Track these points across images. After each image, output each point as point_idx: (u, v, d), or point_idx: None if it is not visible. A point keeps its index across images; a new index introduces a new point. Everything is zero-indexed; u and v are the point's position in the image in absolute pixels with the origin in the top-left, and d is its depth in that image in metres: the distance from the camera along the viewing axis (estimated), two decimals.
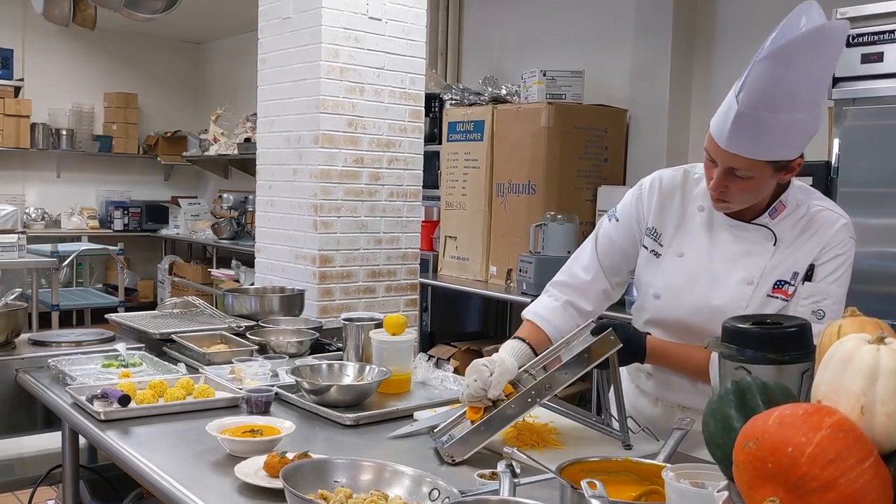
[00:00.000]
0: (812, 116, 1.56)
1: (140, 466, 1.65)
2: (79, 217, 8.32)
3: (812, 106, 1.55)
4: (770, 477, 0.90)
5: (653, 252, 1.87)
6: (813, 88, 1.54)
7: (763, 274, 1.73)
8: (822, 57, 1.52)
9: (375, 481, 1.47)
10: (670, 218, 1.85)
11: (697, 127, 4.70)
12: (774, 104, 1.53)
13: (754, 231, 1.75)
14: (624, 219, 1.93)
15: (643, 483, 1.39)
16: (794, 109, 1.53)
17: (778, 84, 1.52)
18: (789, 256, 1.72)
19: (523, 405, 1.65)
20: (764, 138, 1.56)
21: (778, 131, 1.56)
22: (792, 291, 1.71)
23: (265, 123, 3.91)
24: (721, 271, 1.76)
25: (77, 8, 2.79)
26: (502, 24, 5.76)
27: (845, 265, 1.71)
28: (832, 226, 1.71)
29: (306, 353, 2.54)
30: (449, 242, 5.05)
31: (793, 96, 1.52)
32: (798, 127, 1.56)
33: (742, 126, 1.57)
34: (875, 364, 0.94)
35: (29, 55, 8.19)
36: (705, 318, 1.76)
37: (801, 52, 1.49)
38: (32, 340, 2.61)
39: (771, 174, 1.64)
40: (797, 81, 1.51)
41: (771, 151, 1.59)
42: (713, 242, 1.79)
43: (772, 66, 1.52)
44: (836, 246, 1.70)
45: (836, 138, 2.92)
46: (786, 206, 1.74)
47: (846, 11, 2.84)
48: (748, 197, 1.69)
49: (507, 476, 1.33)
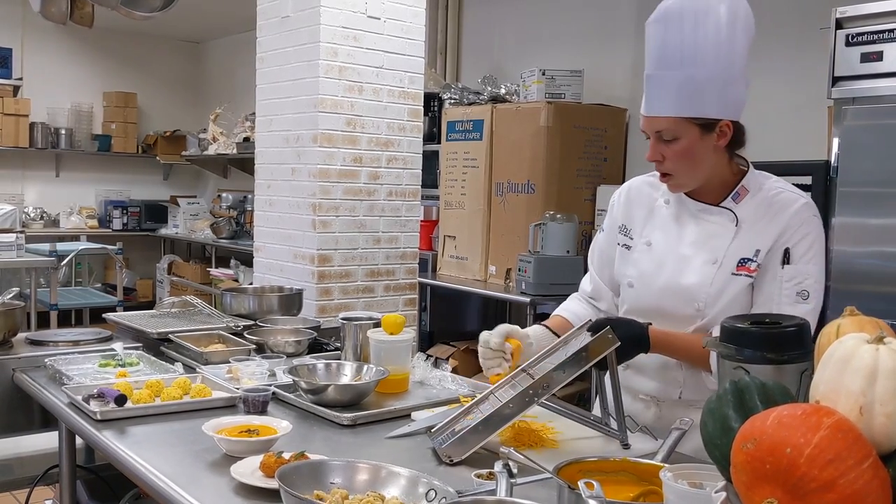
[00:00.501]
0: (719, 75, 1.67)
1: (136, 466, 1.64)
2: (78, 216, 8.31)
3: (713, 63, 1.66)
4: (768, 478, 0.89)
5: (624, 246, 1.96)
6: (707, 46, 1.65)
7: (726, 254, 1.79)
8: (709, 16, 1.65)
9: (372, 482, 1.46)
10: (639, 214, 1.95)
11: None
12: (670, 62, 1.68)
13: (718, 214, 1.82)
14: (607, 228, 2.04)
15: (641, 483, 1.39)
16: (690, 66, 1.66)
17: (668, 43, 1.68)
18: (751, 236, 1.78)
19: (521, 404, 1.64)
20: (669, 95, 1.69)
21: (682, 87, 1.67)
22: (754, 267, 1.76)
23: (264, 122, 3.91)
24: (688, 254, 1.83)
25: (75, 6, 2.78)
26: (501, 23, 5.75)
27: (817, 242, 1.77)
28: (792, 205, 1.77)
29: (304, 352, 2.54)
30: (448, 242, 5.04)
31: (686, 53, 1.66)
32: (703, 84, 1.67)
33: (651, 87, 1.72)
34: (874, 364, 0.93)
35: (28, 54, 8.18)
36: (676, 300, 1.83)
37: (682, 13, 1.66)
38: (30, 340, 2.60)
39: (698, 135, 1.71)
40: (684, 40, 1.66)
41: (682, 107, 1.69)
42: (680, 230, 1.87)
43: (658, 28, 1.70)
44: (802, 225, 1.75)
45: (835, 138, 2.91)
46: (749, 191, 1.81)
47: (846, 11, 2.83)
48: (687, 165, 1.76)
49: (504, 476, 1.32)
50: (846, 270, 2.87)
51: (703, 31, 1.65)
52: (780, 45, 4.25)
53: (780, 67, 4.26)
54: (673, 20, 1.67)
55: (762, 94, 4.34)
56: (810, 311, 1.73)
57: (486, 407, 1.70)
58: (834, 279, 2.90)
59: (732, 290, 1.78)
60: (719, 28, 1.66)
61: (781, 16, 4.24)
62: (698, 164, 1.76)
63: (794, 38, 4.16)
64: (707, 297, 1.80)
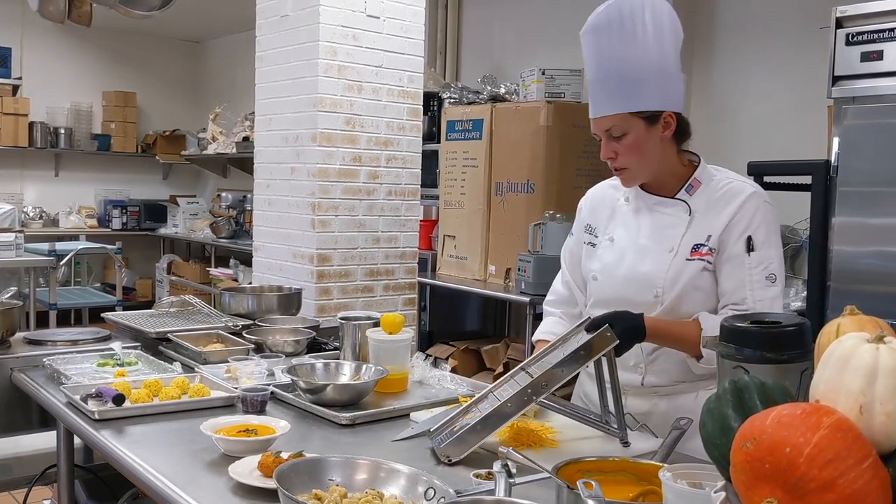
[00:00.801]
0: (654, 71, 1.82)
1: (134, 466, 1.63)
2: (77, 216, 8.31)
3: (646, 62, 1.81)
4: (768, 477, 0.89)
5: (589, 244, 2.08)
6: (638, 48, 1.81)
7: (681, 242, 1.90)
8: (636, 22, 1.81)
9: (371, 480, 1.46)
10: (602, 214, 2.07)
11: (697, 125, 4.64)
12: (608, 67, 1.84)
13: (672, 206, 1.94)
14: (575, 231, 2.16)
15: (640, 483, 1.38)
16: (626, 67, 1.82)
17: (603, 50, 1.85)
18: (704, 224, 1.89)
19: (520, 403, 1.64)
20: (612, 94, 1.84)
21: (622, 86, 1.82)
22: (705, 251, 1.87)
23: (263, 122, 3.90)
24: (646, 245, 1.94)
25: (73, 4, 2.77)
26: (501, 22, 5.75)
27: (772, 227, 1.88)
28: (742, 193, 1.88)
29: (303, 352, 2.53)
30: (447, 241, 5.04)
31: (620, 56, 1.82)
32: (641, 81, 1.82)
33: (595, 91, 1.88)
34: (874, 363, 0.93)
35: (27, 53, 8.18)
36: (636, 288, 1.93)
37: (610, 23, 1.83)
38: (28, 339, 2.59)
39: (644, 128, 1.85)
40: (616, 45, 1.82)
41: (625, 104, 1.83)
42: (638, 223, 1.98)
43: (591, 39, 1.87)
44: (757, 212, 1.86)
45: (835, 137, 2.90)
46: (701, 182, 1.93)
47: (846, 10, 2.83)
48: (637, 157, 1.88)
49: (503, 476, 1.32)
50: (846, 270, 2.86)
51: (633, 35, 1.81)
52: (780, 44, 4.24)
53: (779, 67, 4.26)
54: (603, 30, 1.84)
55: (762, 94, 4.35)
56: (779, 292, 1.86)
57: (484, 406, 1.69)
58: (834, 279, 2.90)
59: (687, 275, 1.88)
60: (646, 30, 1.81)
61: (781, 15, 4.24)
62: (647, 156, 1.88)
63: (794, 37, 4.16)
64: (664, 282, 1.89)
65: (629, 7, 1.82)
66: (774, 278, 1.84)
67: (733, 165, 4.12)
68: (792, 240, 3.93)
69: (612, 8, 1.83)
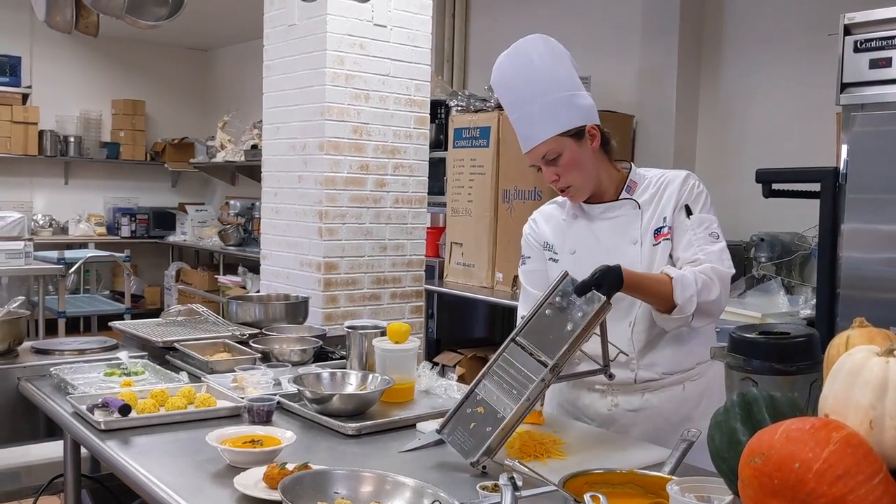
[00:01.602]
0: (560, 94, 1.97)
1: (139, 477, 1.63)
2: (86, 224, 8.34)
3: (550, 88, 1.97)
4: (776, 493, 0.88)
5: (551, 260, 2.13)
6: (540, 79, 1.98)
7: (642, 232, 2.01)
8: (528, 58, 2.01)
9: (376, 493, 1.45)
10: (556, 232, 2.15)
11: (705, 131, 4.67)
12: (519, 104, 2.00)
13: (621, 206, 2.05)
14: (531, 254, 2.20)
15: (648, 496, 1.37)
16: (538, 97, 1.96)
17: (510, 93, 2.03)
18: (654, 211, 2.02)
19: (539, 390, 1.66)
20: (535, 124, 1.97)
21: (538, 115, 1.96)
22: (667, 230, 1.99)
23: (270, 130, 3.91)
24: (610, 244, 2.03)
25: (80, 15, 2.78)
26: (508, 30, 5.74)
27: (707, 199, 2.03)
28: (677, 178, 2.04)
29: (310, 361, 2.52)
30: (455, 249, 5.03)
31: (524, 93, 1.98)
32: (554, 105, 1.96)
33: (521, 128, 2.01)
34: (884, 377, 0.91)
35: (37, 62, 8.22)
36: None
37: (510, 69, 2.03)
38: (35, 349, 2.60)
39: (574, 145, 1.97)
40: (518, 85, 2.00)
41: (548, 129, 1.96)
42: (594, 231, 2.07)
43: (499, 90, 2.06)
44: (692, 188, 2.01)
45: (844, 144, 2.88)
46: (637, 183, 2.06)
47: (854, 16, 2.81)
48: (580, 174, 2.00)
49: (509, 489, 1.31)
50: (856, 277, 2.84)
51: (528, 70, 1.99)
52: (789, 51, 4.23)
53: (788, 74, 4.24)
54: (507, 75, 2.03)
55: (770, 101, 4.33)
56: (723, 247, 1.97)
57: (496, 400, 1.68)
58: (843, 285, 2.88)
59: (659, 259, 1.98)
60: (542, 59, 2.00)
61: (789, 22, 4.22)
62: (585, 169, 2.00)
63: (802, 44, 4.14)
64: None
65: (522, 47, 2.02)
66: (717, 236, 1.98)
67: (742, 172, 4.11)
68: (801, 247, 3.90)
69: (505, 58, 2.03)
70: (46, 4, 2.82)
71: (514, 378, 1.70)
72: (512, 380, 1.70)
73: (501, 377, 1.72)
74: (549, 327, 1.73)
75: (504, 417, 1.64)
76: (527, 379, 1.67)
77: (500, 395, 1.69)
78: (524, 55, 2.02)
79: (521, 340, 1.75)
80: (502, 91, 2.06)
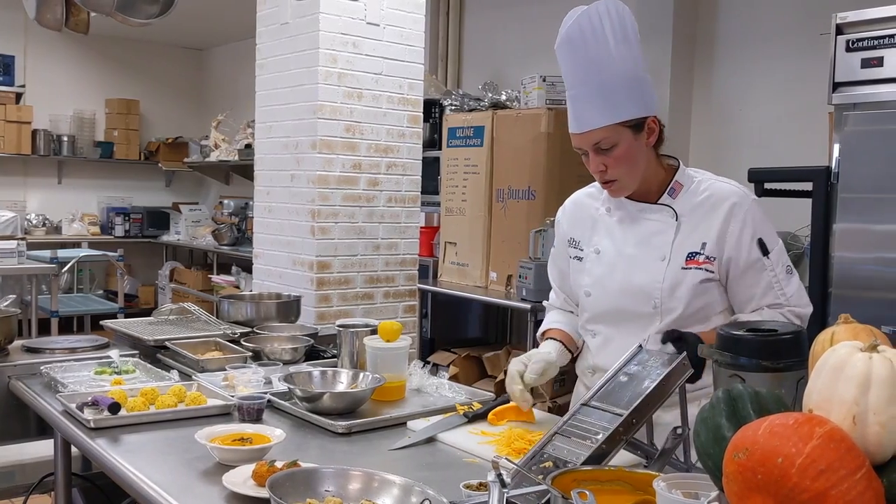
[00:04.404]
0: (630, 78, 1.80)
1: (127, 475, 1.63)
2: (80, 223, 8.32)
3: (621, 69, 1.79)
4: (760, 488, 0.88)
5: (576, 258, 2.04)
6: (610, 58, 1.79)
7: (673, 249, 1.86)
8: (603, 32, 1.79)
9: (365, 490, 1.45)
10: (584, 226, 2.03)
11: (698, 131, 4.68)
12: (583, 79, 1.81)
13: (658, 212, 1.90)
14: (558, 244, 2.13)
15: (636, 493, 1.37)
16: (605, 76, 1.79)
17: (576, 63, 1.82)
18: (694, 229, 1.86)
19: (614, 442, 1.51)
20: (596, 106, 1.80)
21: (601, 97, 1.79)
22: (702, 260, 1.84)
23: (263, 129, 3.90)
24: (636, 254, 1.91)
25: (70, 12, 2.78)
26: (502, 29, 5.75)
27: (769, 223, 1.88)
28: (729, 197, 1.86)
29: (301, 359, 2.52)
30: (449, 248, 5.03)
31: (591, 68, 1.80)
32: (621, 89, 1.79)
33: (577, 106, 1.83)
34: (867, 372, 0.92)
35: (30, 61, 8.20)
36: (632, 300, 1.91)
37: (582, 33, 1.80)
38: (26, 347, 2.59)
39: (632, 137, 1.82)
40: (587, 57, 1.80)
41: (609, 115, 1.79)
42: (624, 232, 1.94)
43: (566, 51, 1.83)
44: (755, 215, 1.85)
45: (836, 143, 2.89)
46: (683, 185, 1.90)
47: (846, 16, 2.82)
48: (628, 169, 1.85)
49: (497, 486, 1.30)
50: (847, 276, 2.85)
51: (605, 43, 1.79)
52: (781, 50, 4.24)
53: (780, 73, 4.25)
54: (577, 41, 1.81)
55: (763, 100, 4.34)
56: (799, 281, 1.87)
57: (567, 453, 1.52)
58: (835, 285, 2.88)
59: (687, 285, 1.84)
60: (616, 37, 1.80)
61: (782, 22, 4.23)
62: (637, 165, 1.85)
63: (795, 43, 4.15)
64: (661, 293, 1.86)
65: (597, 16, 1.80)
66: (791, 269, 1.86)
67: (734, 171, 4.12)
68: (793, 246, 3.91)
69: (582, 18, 1.81)
70: (36, 2, 2.81)
71: (588, 431, 1.55)
72: (585, 433, 1.55)
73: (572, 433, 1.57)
74: (624, 388, 1.61)
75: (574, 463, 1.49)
76: (602, 430, 1.53)
77: (571, 447, 1.54)
78: (598, 25, 1.80)
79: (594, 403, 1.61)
80: (567, 50, 1.84)
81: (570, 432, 1.56)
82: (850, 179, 2.84)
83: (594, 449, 1.49)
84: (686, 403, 1.64)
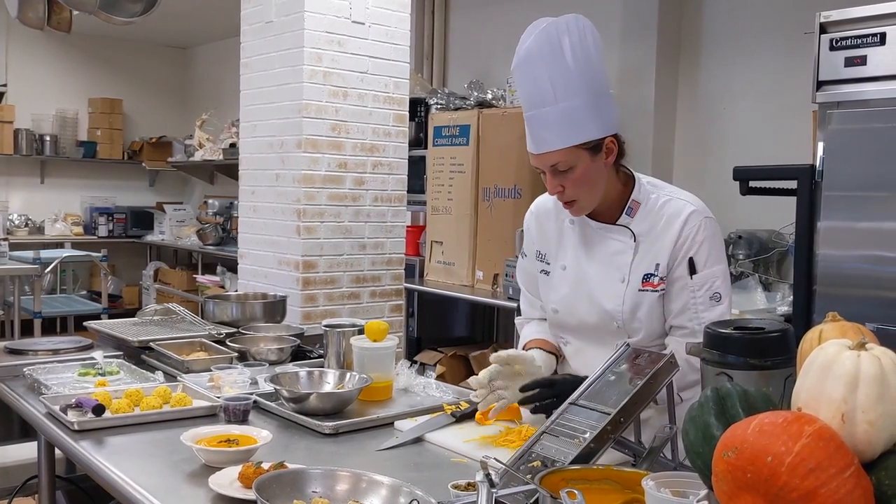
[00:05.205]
0: (589, 97, 1.76)
1: (112, 478, 1.61)
2: (63, 223, 8.25)
3: (582, 89, 1.75)
4: (749, 487, 0.88)
5: (543, 272, 2.04)
6: (570, 78, 1.75)
7: (631, 271, 1.87)
8: (562, 52, 1.75)
9: (352, 491, 1.44)
10: (550, 238, 2.03)
11: (683, 130, 4.69)
12: (540, 101, 1.78)
13: (617, 233, 1.90)
14: (528, 253, 2.12)
15: (624, 492, 1.37)
16: (563, 97, 1.75)
17: (538, 82, 1.77)
18: (649, 249, 1.86)
19: (601, 443, 1.51)
20: (553, 129, 1.77)
21: (562, 119, 1.76)
22: (657, 282, 1.84)
23: (248, 128, 3.88)
24: (599, 274, 1.91)
25: (52, 11, 2.75)
26: (488, 28, 5.75)
27: (715, 244, 1.85)
28: (681, 214, 1.84)
29: (287, 360, 2.51)
30: (435, 247, 5.02)
31: (548, 90, 1.76)
32: (580, 110, 1.76)
33: (535, 126, 1.81)
34: (856, 370, 0.92)
35: (13, 60, 8.13)
36: (598, 319, 1.92)
37: (541, 51, 1.76)
38: (8, 349, 2.56)
39: (589, 159, 1.79)
40: (547, 77, 1.76)
41: (569, 137, 1.76)
42: (588, 249, 1.94)
43: (524, 71, 1.80)
44: (697, 232, 1.83)
45: (820, 142, 2.91)
46: (640, 203, 1.89)
47: (830, 15, 2.83)
48: (587, 190, 1.83)
49: (485, 486, 1.30)
50: (832, 274, 2.87)
51: (557, 64, 1.75)
52: (765, 49, 4.26)
53: (765, 72, 4.27)
54: (534, 61, 1.77)
55: (748, 99, 4.36)
56: (725, 309, 1.84)
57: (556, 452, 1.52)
58: (820, 283, 2.90)
59: (645, 306, 1.86)
60: (576, 54, 1.76)
61: (766, 21, 4.25)
62: (596, 185, 1.84)
63: (779, 42, 4.17)
64: (622, 314, 1.88)
65: (556, 34, 1.76)
66: (719, 297, 1.83)
67: (719, 170, 4.14)
68: (778, 244, 3.93)
69: (540, 37, 1.77)
70: (18, 1, 2.78)
71: (576, 430, 1.55)
72: (573, 432, 1.55)
73: (561, 432, 1.57)
74: (612, 387, 1.61)
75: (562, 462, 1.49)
76: (590, 428, 1.53)
77: (559, 447, 1.54)
78: (556, 44, 1.76)
79: (582, 402, 1.61)
80: (523, 72, 1.80)
81: (558, 431, 1.57)
82: (835, 178, 2.86)
83: (582, 448, 1.50)
84: (674, 402, 1.65)
